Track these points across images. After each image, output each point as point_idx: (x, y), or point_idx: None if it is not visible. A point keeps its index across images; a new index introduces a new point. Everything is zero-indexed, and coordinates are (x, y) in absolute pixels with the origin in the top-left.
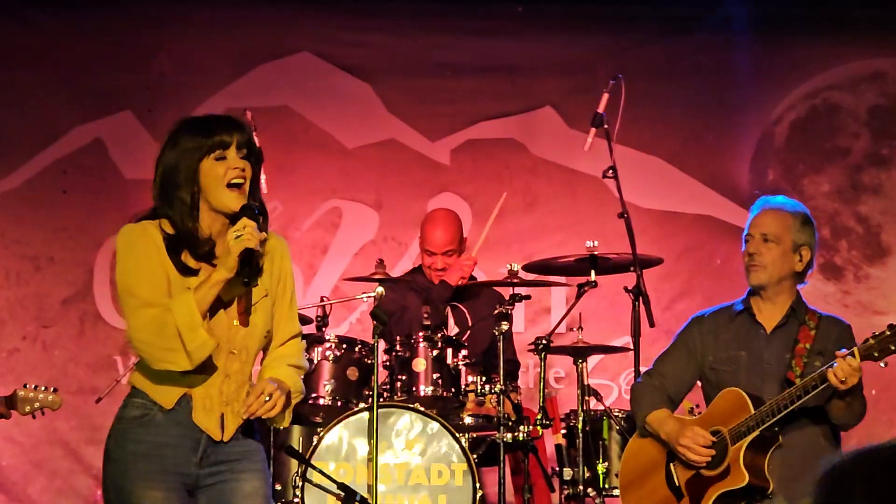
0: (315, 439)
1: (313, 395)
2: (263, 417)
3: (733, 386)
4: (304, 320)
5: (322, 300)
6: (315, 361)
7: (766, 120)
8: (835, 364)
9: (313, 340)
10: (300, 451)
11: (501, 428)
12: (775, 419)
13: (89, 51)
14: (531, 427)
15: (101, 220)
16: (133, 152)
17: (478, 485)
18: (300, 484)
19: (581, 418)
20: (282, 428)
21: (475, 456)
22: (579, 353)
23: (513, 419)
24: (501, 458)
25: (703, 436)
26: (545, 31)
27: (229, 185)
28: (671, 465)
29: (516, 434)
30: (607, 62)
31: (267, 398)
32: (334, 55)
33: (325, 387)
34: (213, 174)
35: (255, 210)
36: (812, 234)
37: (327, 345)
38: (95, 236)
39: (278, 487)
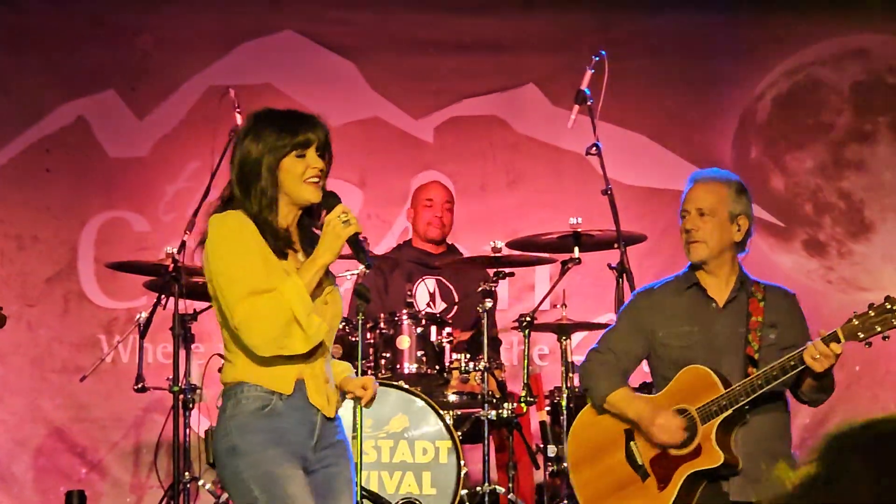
0: None
1: None
2: (366, 400)
3: (687, 361)
4: None
5: None
6: None
7: (749, 96)
8: (811, 344)
9: None
10: None
11: (486, 405)
12: (750, 399)
13: (72, 30)
14: (515, 404)
15: (85, 198)
16: (117, 131)
17: (462, 462)
18: None
19: (565, 395)
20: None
21: (459, 433)
22: (563, 330)
23: (497, 396)
24: (486, 435)
25: (677, 422)
26: (529, 8)
27: (306, 182)
28: (632, 443)
29: (500, 411)
30: (591, 39)
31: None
32: (318, 33)
33: None
34: (293, 171)
35: (336, 196)
36: (748, 202)
37: None
38: (79, 215)
39: None
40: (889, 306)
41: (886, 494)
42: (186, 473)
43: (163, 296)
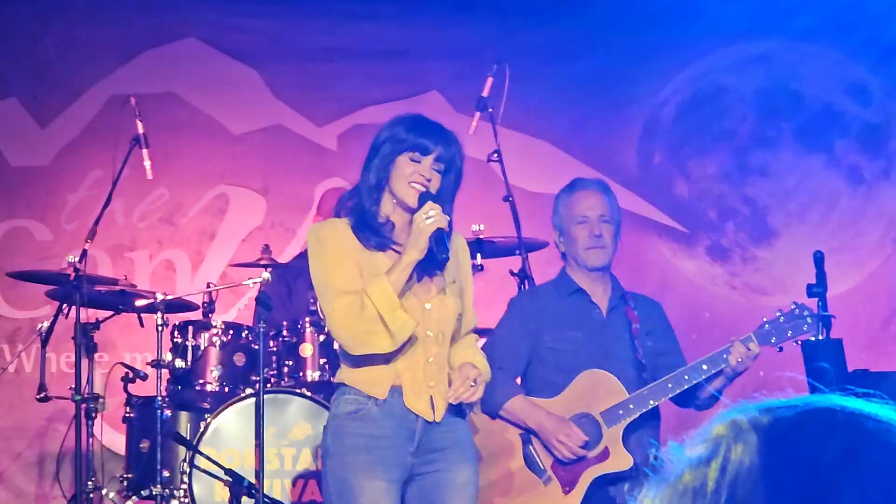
0: (202, 425)
1: (200, 381)
2: (466, 402)
3: (577, 366)
4: (191, 307)
5: (208, 286)
6: (202, 347)
7: (653, 102)
8: (734, 346)
9: (200, 326)
10: (187, 437)
11: None
12: (659, 401)
13: None
14: None
15: None
16: (18, 139)
17: None
18: (188, 470)
19: None
20: (470, 413)
21: None
22: None
23: None
24: None
25: (579, 436)
26: (432, 15)
27: (410, 184)
28: (530, 447)
29: None
30: (494, 46)
31: (472, 383)
32: (220, 41)
33: (212, 373)
34: (403, 170)
35: (436, 197)
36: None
37: (214, 331)
38: None
39: (166, 474)
40: (799, 312)
41: (782, 478)
42: (90, 483)
43: (65, 305)
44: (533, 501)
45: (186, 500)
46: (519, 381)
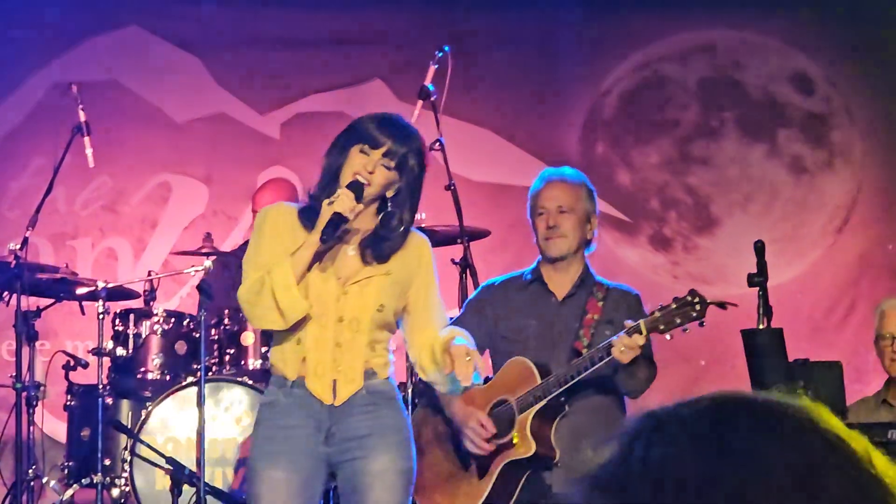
0: (143, 414)
1: (142, 369)
2: (462, 384)
3: (523, 355)
4: (133, 295)
5: (150, 274)
6: (143, 336)
7: (596, 92)
8: (618, 336)
9: (141, 315)
10: (129, 425)
11: None
12: (561, 389)
13: None
14: None
15: None
16: None
17: None
18: (129, 458)
19: (410, 390)
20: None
21: None
22: None
23: None
24: None
25: (487, 426)
26: (375, 3)
27: (354, 175)
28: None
29: None
30: (436, 35)
31: (468, 358)
32: (163, 29)
33: (154, 361)
34: (352, 161)
35: (360, 185)
36: (596, 202)
37: (155, 319)
38: None
39: (107, 462)
40: (691, 299)
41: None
42: (30, 471)
43: (6, 293)
44: (455, 487)
45: (127, 489)
46: None
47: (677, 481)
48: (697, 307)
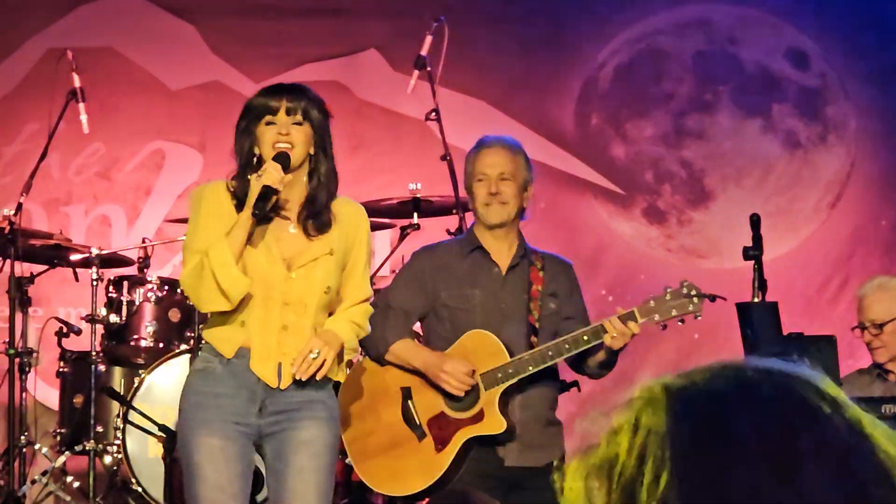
0: (136, 381)
1: (135, 336)
2: (317, 378)
3: (469, 325)
4: (126, 262)
5: (144, 241)
6: (137, 303)
7: (592, 64)
8: (610, 321)
9: (135, 282)
10: (121, 392)
11: None
12: (539, 369)
13: None
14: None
15: None
16: None
17: None
18: (121, 426)
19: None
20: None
21: None
22: None
23: None
24: None
25: (466, 368)
26: None
27: (274, 147)
28: (410, 401)
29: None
30: (432, 4)
31: (314, 355)
32: None
33: (147, 328)
34: (265, 138)
35: (285, 154)
36: (531, 171)
37: (149, 286)
38: None
39: (100, 429)
40: (686, 291)
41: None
42: (22, 438)
43: None
44: (405, 456)
45: (120, 456)
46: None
47: (666, 453)
48: (695, 300)
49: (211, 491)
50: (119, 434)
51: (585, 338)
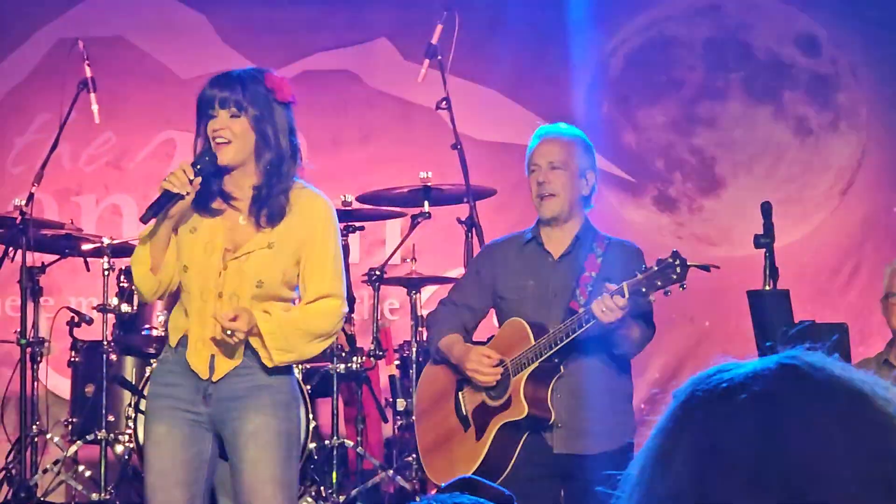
0: (148, 370)
1: (146, 325)
2: (233, 338)
3: (520, 315)
4: None
5: None
6: None
7: (602, 52)
8: (601, 297)
9: None
10: (133, 382)
11: (335, 359)
12: (552, 351)
13: None
14: (365, 358)
15: None
16: None
17: (311, 416)
18: (133, 415)
19: (414, 349)
20: (271, 365)
21: (308, 387)
22: (413, 284)
23: (346, 350)
24: (335, 389)
25: (489, 355)
26: None
27: (215, 143)
28: (460, 393)
29: (350, 365)
30: None
31: (229, 332)
32: None
33: (158, 318)
34: (208, 133)
35: (205, 158)
36: (593, 157)
37: None
38: None
39: (111, 418)
40: (672, 261)
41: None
42: (34, 427)
43: (10, 248)
44: (454, 446)
45: (131, 445)
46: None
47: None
48: (678, 269)
49: (154, 476)
50: (130, 423)
51: (586, 317)
